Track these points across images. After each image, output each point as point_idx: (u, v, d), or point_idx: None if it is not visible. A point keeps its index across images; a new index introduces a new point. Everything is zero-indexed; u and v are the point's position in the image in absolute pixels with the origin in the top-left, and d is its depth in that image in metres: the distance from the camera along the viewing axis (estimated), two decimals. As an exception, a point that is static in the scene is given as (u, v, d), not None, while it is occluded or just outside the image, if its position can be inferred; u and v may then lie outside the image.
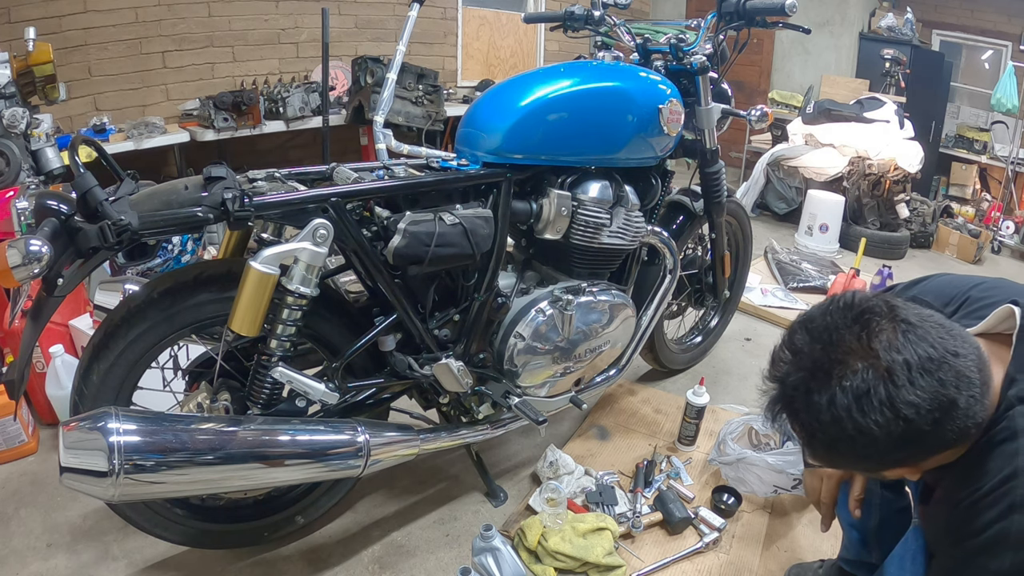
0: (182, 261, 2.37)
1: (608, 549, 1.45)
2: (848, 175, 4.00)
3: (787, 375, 0.80)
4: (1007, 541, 0.75)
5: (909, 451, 0.77)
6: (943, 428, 0.74)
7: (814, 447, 0.82)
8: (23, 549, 1.46)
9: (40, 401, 1.87)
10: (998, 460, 0.77)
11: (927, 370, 0.73)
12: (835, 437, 0.76)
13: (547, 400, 1.65)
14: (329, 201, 1.18)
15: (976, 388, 0.75)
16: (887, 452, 0.76)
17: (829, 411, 0.75)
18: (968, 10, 5.36)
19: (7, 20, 2.82)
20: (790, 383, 0.80)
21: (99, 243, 0.99)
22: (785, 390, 0.80)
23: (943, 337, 0.75)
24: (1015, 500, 0.75)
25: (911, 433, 0.73)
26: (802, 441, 0.83)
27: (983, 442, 0.80)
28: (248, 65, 3.73)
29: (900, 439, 0.74)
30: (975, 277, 1.01)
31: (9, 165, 2.22)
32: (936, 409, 0.73)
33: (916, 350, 0.73)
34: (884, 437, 0.73)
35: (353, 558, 1.51)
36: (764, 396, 0.84)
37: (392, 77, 1.43)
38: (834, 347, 0.77)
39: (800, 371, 0.79)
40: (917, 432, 0.73)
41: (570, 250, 1.56)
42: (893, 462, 0.80)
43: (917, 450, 0.77)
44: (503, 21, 4.93)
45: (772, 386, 0.83)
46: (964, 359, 0.74)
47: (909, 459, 0.80)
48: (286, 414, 1.28)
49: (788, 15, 1.62)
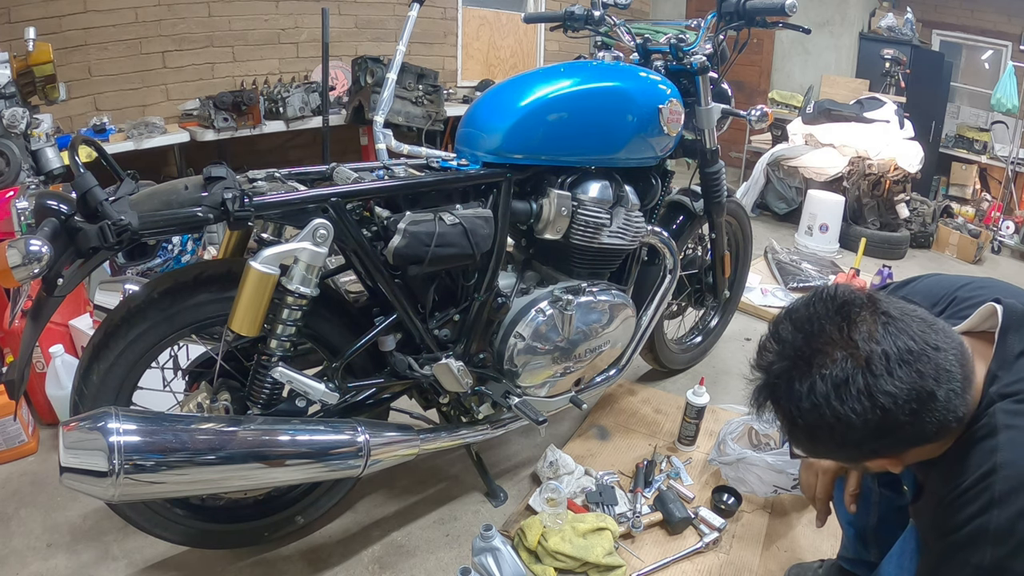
0: (182, 261, 2.37)
1: (608, 549, 1.45)
2: (848, 175, 4.00)
3: (771, 364, 0.82)
4: (987, 536, 0.76)
5: (887, 441, 0.78)
6: (921, 420, 0.75)
7: (796, 436, 0.84)
8: (23, 549, 1.46)
9: (40, 401, 1.87)
10: (978, 456, 0.78)
11: (905, 361, 0.74)
12: (815, 425, 0.78)
13: (547, 400, 1.65)
14: (329, 201, 1.18)
15: (957, 383, 0.76)
16: (865, 441, 0.77)
17: (809, 399, 0.77)
18: (968, 10, 5.36)
19: (7, 20, 2.82)
20: (774, 371, 0.81)
21: (99, 243, 0.99)
22: (769, 378, 0.82)
23: (924, 331, 0.76)
24: (994, 495, 0.75)
25: (888, 423, 0.75)
26: (785, 430, 0.85)
27: (965, 438, 0.81)
28: (248, 65, 3.73)
29: (877, 428, 0.75)
30: (964, 277, 1.02)
31: (9, 165, 2.22)
32: (913, 400, 0.74)
33: (896, 342, 0.75)
34: (862, 426, 0.75)
35: (353, 558, 1.51)
36: (751, 385, 0.85)
37: (392, 77, 1.43)
38: (815, 337, 0.78)
39: (783, 360, 0.80)
40: (894, 422, 0.75)
41: (570, 250, 1.56)
42: (871, 452, 0.81)
43: (895, 440, 0.78)
44: (503, 21, 4.93)
45: (758, 375, 0.84)
46: (945, 353, 0.76)
47: (887, 449, 0.81)
48: (286, 414, 1.28)
49: (788, 15, 1.62)
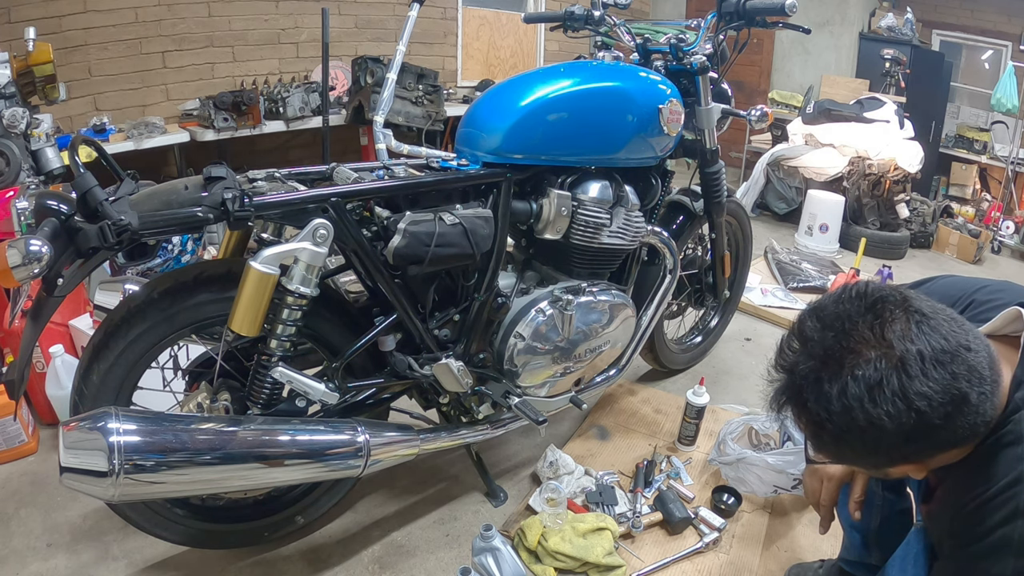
0: (182, 261, 2.37)
1: (608, 549, 1.45)
2: (848, 175, 4.00)
3: (796, 364, 0.77)
4: (1010, 546, 0.74)
5: (918, 446, 0.75)
6: (954, 423, 0.72)
7: (821, 440, 0.79)
8: (23, 549, 1.46)
9: (40, 401, 1.87)
10: (1004, 464, 0.76)
11: (940, 362, 0.71)
12: (845, 428, 0.74)
13: (547, 400, 1.65)
14: (329, 201, 1.18)
15: (987, 385, 0.73)
16: (896, 446, 0.74)
17: (840, 401, 0.73)
18: (968, 10, 5.36)
19: (7, 20, 2.82)
20: (800, 372, 0.77)
21: (99, 243, 0.99)
22: (794, 379, 0.78)
23: (955, 331, 0.74)
24: (1020, 505, 0.74)
25: (922, 427, 0.71)
26: (808, 434, 0.81)
27: (989, 444, 0.79)
28: (248, 65, 3.73)
29: (910, 432, 0.72)
30: (980, 279, 1.00)
31: (9, 165, 2.22)
32: (948, 403, 0.71)
33: (930, 341, 0.72)
34: (894, 430, 0.72)
35: (353, 558, 1.51)
36: (769, 387, 0.81)
37: (392, 77, 1.42)
38: (847, 336, 0.74)
39: (811, 359, 0.76)
40: (928, 426, 0.72)
41: (570, 250, 1.56)
42: (901, 457, 0.78)
43: (926, 445, 0.75)
44: (503, 21, 4.93)
45: (778, 376, 0.80)
46: (976, 354, 0.73)
47: (917, 455, 0.78)
48: (286, 414, 1.28)
49: (788, 15, 1.62)
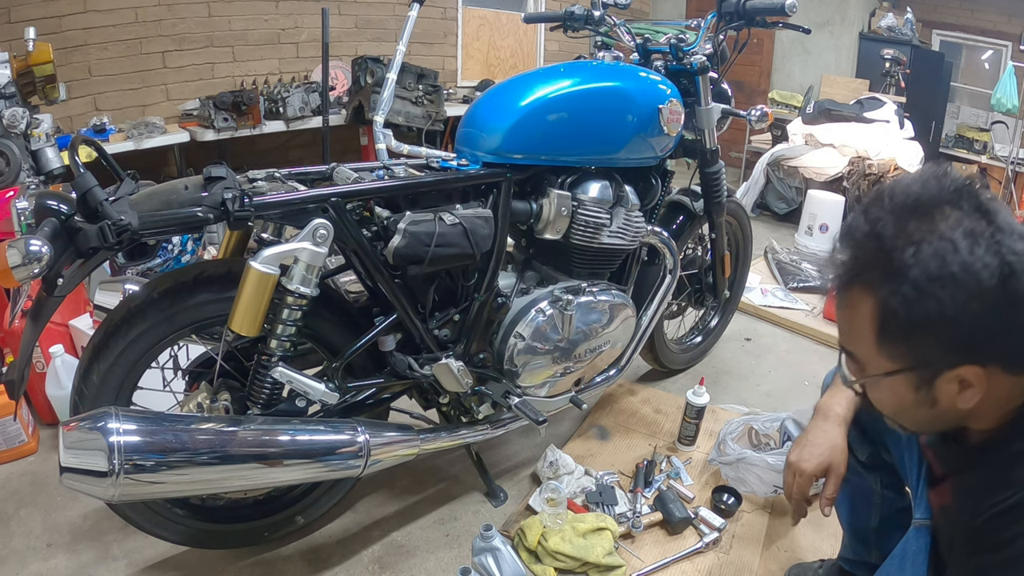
0: (182, 261, 2.37)
1: (608, 549, 1.45)
2: (848, 175, 4.00)
3: (879, 219, 0.72)
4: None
5: (993, 327, 0.68)
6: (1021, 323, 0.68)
7: (890, 325, 0.72)
8: (23, 549, 1.46)
9: (40, 401, 1.87)
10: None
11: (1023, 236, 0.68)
12: (933, 276, 0.67)
13: (547, 400, 1.65)
14: (329, 201, 1.18)
15: None
16: (976, 318, 0.67)
17: (932, 244, 0.67)
18: (968, 10, 5.36)
19: (7, 20, 2.82)
20: (879, 229, 0.71)
21: (99, 243, 0.98)
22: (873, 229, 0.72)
23: None
24: None
25: (1008, 293, 0.66)
26: (878, 315, 0.72)
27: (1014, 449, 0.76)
28: (248, 65, 3.73)
29: (995, 299, 0.66)
30: None
31: (9, 165, 2.22)
32: None
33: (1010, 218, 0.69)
34: (985, 283, 0.66)
35: (353, 558, 1.51)
36: (832, 258, 0.78)
37: (392, 77, 1.43)
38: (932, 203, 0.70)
39: (892, 214, 0.71)
40: (1013, 296, 0.66)
41: (570, 250, 1.56)
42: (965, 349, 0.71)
43: (998, 330, 0.69)
44: (503, 21, 4.93)
45: (844, 250, 0.76)
46: None
47: (984, 347, 0.71)
48: (286, 414, 1.28)
49: (788, 15, 1.63)
